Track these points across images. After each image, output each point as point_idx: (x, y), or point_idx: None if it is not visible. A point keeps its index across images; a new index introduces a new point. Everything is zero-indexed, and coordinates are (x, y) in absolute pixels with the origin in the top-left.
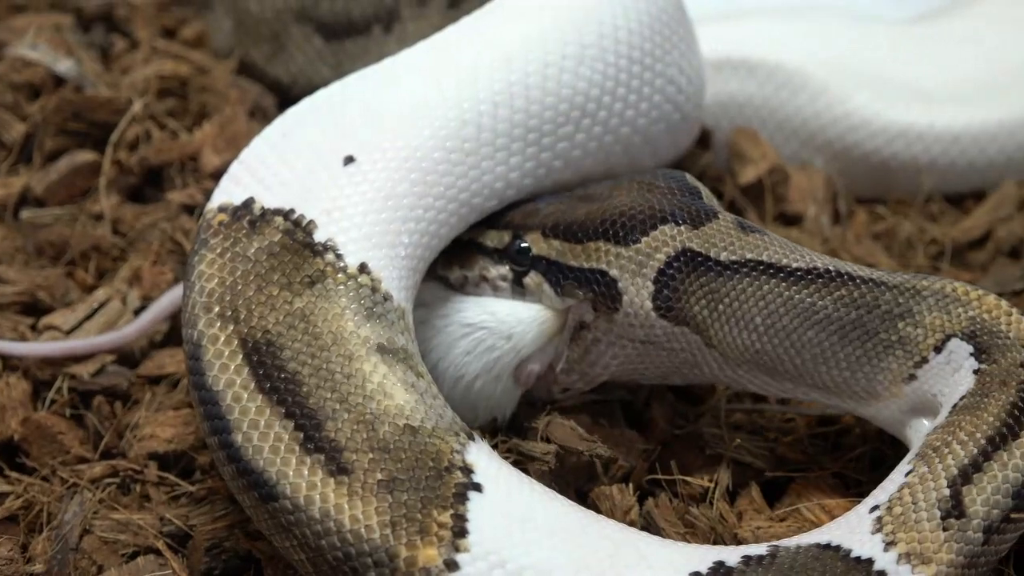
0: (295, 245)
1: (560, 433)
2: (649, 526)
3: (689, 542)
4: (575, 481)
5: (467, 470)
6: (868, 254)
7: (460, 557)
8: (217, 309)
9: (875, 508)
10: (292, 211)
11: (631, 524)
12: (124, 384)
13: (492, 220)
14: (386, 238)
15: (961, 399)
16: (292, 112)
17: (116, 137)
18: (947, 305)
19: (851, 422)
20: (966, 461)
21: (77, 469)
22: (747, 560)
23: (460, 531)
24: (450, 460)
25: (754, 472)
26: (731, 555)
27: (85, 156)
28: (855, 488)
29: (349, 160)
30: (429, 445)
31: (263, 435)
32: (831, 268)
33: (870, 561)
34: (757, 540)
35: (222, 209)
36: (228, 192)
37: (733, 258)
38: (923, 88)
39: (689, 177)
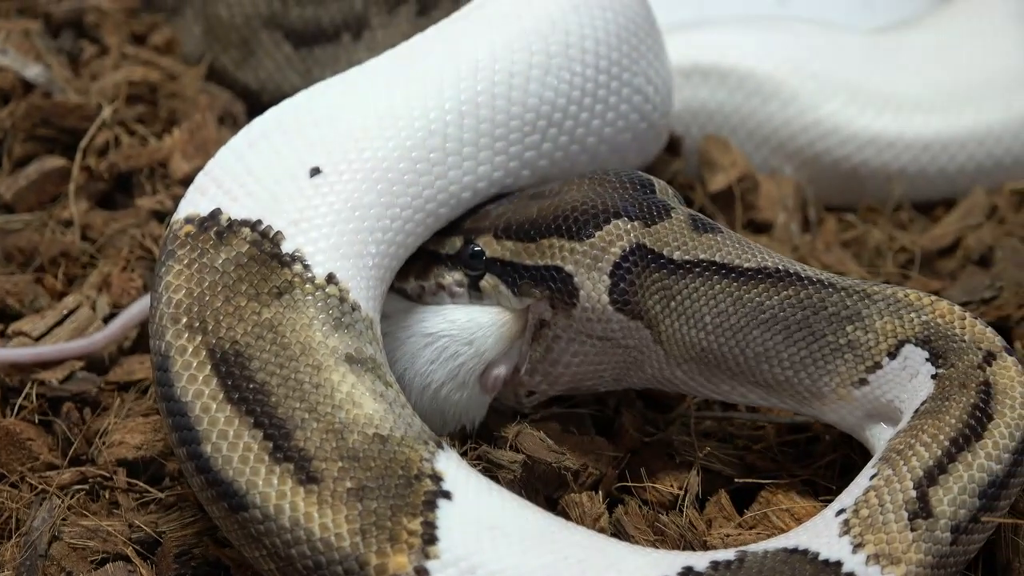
0: (263, 256)
1: (529, 443)
2: (619, 533)
3: (659, 549)
4: (545, 488)
5: (436, 478)
6: (838, 262)
7: (430, 564)
8: (185, 320)
9: (841, 511)
10: (259, 222)
11: (601, 531)
12: (93, 391)
13: (445, 228)
14: (354, 248)
15: (922, 404)
16: (258, 123)
17: (85, 143)
18: (899, 310)
19: (820, 430)
20: (931, 463)
21: (46, 476)
22: (715, 565)
23: (430, 538)
24: (419, 468)
25: (723, 479)
26: (699, 560)
27: (54, 162)
28: (824, 495)
29: (316, 171)
30: (398, 453)
31: (232, 445)
32: (780, 268)
33: (839, 564)
34: (726, 547)
35: (188, 220)
36: (194, 203)
37: (686, 258)
38: (893, 96)
39: (641, 173)
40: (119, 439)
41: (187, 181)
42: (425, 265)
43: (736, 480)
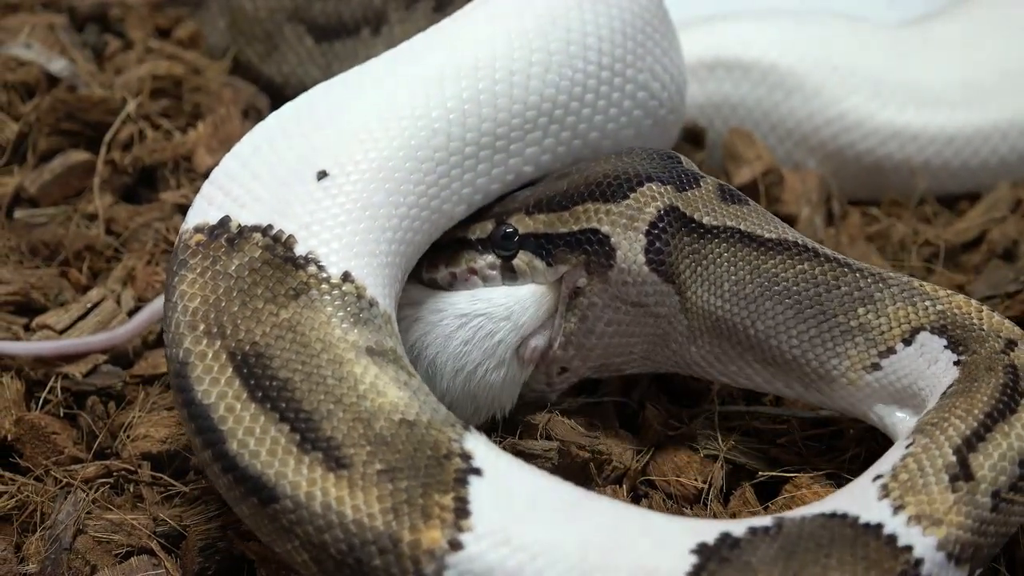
0: (276, 260)
1: (561, 430)
2: None
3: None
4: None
5: (466, 456)
6: (861, 256)
7: (464, 536)
8: (203, 327)
9: (878, 477)
10: (270, 227)
11: None
12: (118, 384)
13: (471, 216)
14: (366, 247)
15: (949, 387)
16: (261, 128)
17: (110, 137)
18: (912, 298)
19: (845, 424)
20: (967, 432)
21: (71, 469)
22: (753, 531)
23: (463, 512)
24: (448, 448)
25: (747, 473)
26: (737, 527)
27: (79, 156)
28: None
29: (323, 175)
30: (427, 436)
31: (259, 440)
32: (799, 242)
33: (880, 526)
34: None
35: (198, 229)
36: (203, 212)
37: (715, 223)
38: (917, 90)
39: (665, 150)
40: (143, 433)
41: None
42: (455, 252)
43: (760, 474)
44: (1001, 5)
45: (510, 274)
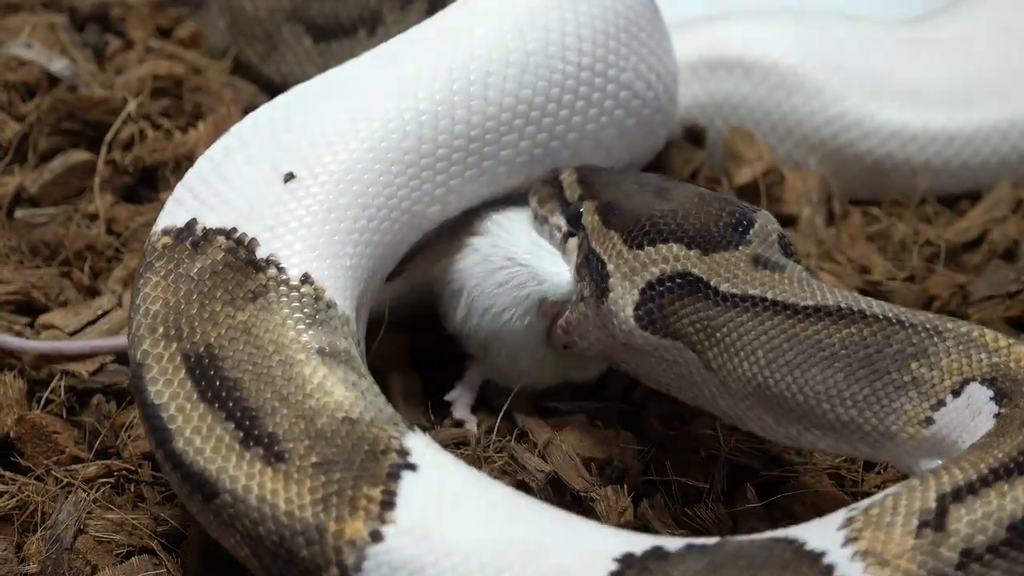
0: (238, 263)
1: (557, 458)
2: (644, 527)
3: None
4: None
5: (403, 452)
6: (862, 256)
7: (385, 529)
8: (161, 329)
9: (853, 509)
10: (234, 230)
11: (626, 525)
12: (124, 382)
13: (584, 175)
14: (330, 249)
15: (980, 439)
16: (234, 131)
17: (111, 137)
18: (968, 349)
19: None
20: (961, 482)
21: (71, 469)
22: (690, 547)
23: (388, 504)
24: (387, 444)
25: (749, 472)
26: (675, 543)
27: (79, 156)
28: (851, 487)
29: (290, 176)
30: (367, 433)
31: (204, 438)
32: (842, 305)
33: (821, 554)
34: None
35: (166, 232)
36: (172, 215)
37: (734, 291)
38: (917, 89)
39: (751, 209)
40: (142, 432)
41: None
42: (549, 196)
43: (762, 472)
44: (1001, 5)
45: (564, 245)
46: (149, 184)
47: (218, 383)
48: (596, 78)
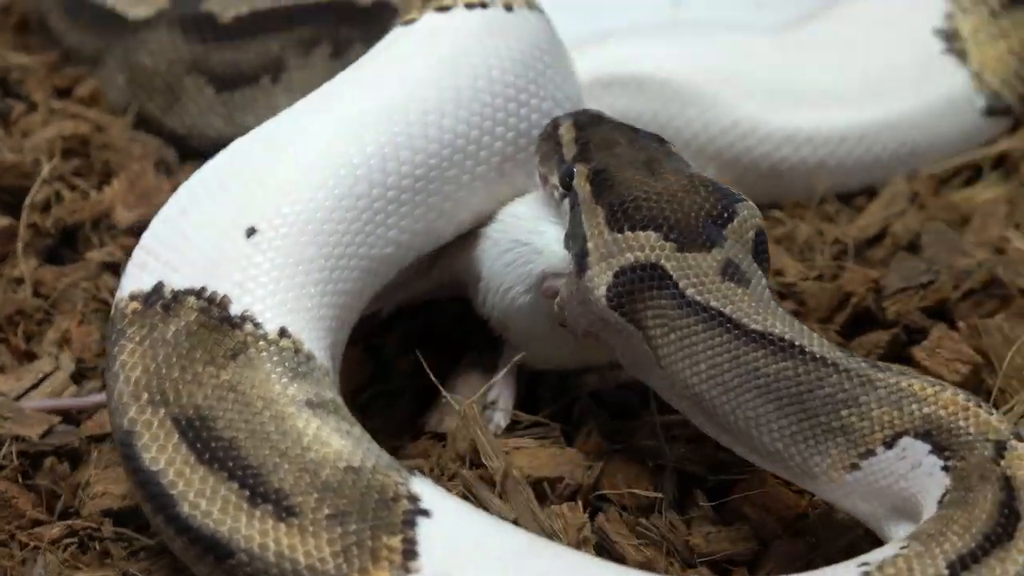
0: (212, 322)
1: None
2: (603, 541)
3: (645, 554)
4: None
5: (413, 498)
6: (773, 259)
7: None
8: (146, 396)
9: (865, 564)
10: (204, 289)
11: (585, 540)
12: (75, 442)
13: (582, 129)
14: (301, 302)
15: (944, 495)
16: (185, 189)
17: (30, 200)
18: (900, 400)
19: None
20: (964, 551)
21: (34, 532)
22: None
23: (411, 553)
24: (396, 491)
25: (697, 479)
26: None
27: (1, 221)
28: (796, 487)
29: (252, 231)
30: (372, 480)
31: (210, 500)
32: (785, 337)
33: None
34: (709, 545)
35: (133, 297)
36: (136, 279)
37: (697, 298)
38: (806, 92)
39: (735, 196)
40: (102, 490)
41: (133, 231)
42: (548, 154)
43: (709, 478)
44: (872, 4)
45: (558, 205)
46: (69, 245)
47: (214, 444)
48: (521, 108)
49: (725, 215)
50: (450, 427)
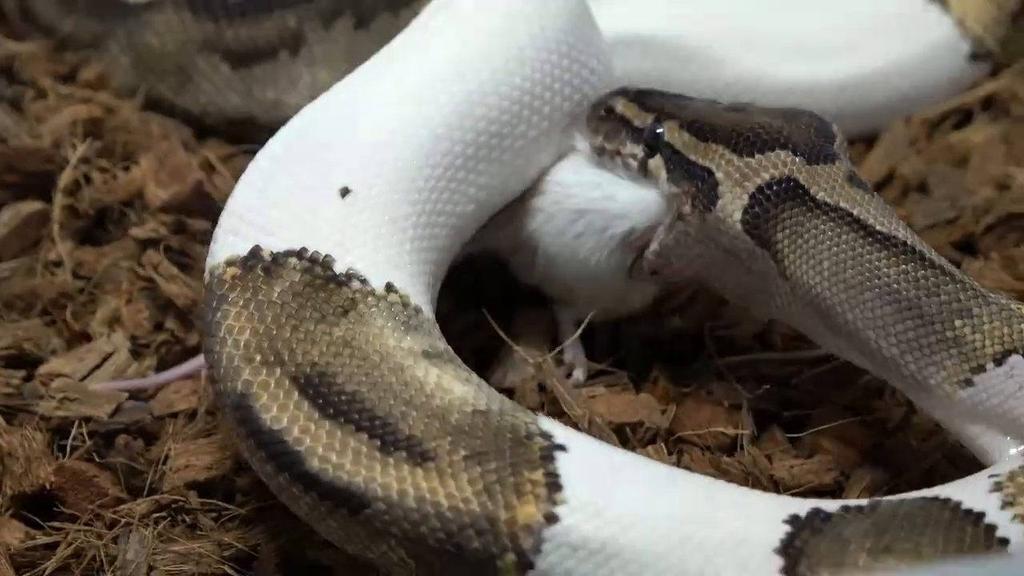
0: (317, 281)
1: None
2: None
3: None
4: None
5: (547, 435)
6: None
7: (559, 510)
8: (259, 357)
9: (994, 475)
10: (304, 250)
11: None
12: (148, 418)
13: (642, 101)
14: (401, 258)
15: None
16: (266, 156)
17: (64, 183)
18: (1010, 319)
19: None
20: None
21: (120, 510)
22: (846, 508)
23: (555, 486)
24: (527, 429)
25: (769, 417)
26: (829, 504)
27: (32, 206)
28: (866, 415)
29: (346, 191)
30: (502, 421)
31: (340, 453)
32: (908, 242)
33: (982, 514)
34: (793, 478)
35: (230, 263)
36: (230, 245)
37: (828, 200)
38: (803, 43)
39: (833, 126)
40: (184, 463)
41: (167, 208)
42: (615, 129)
43: (785, 414)
44: None
45: (643, 171)
46: (100, 225)
47: (336, 399)
48: (573, 64)
49: (828, 133)
50: (515, 382)
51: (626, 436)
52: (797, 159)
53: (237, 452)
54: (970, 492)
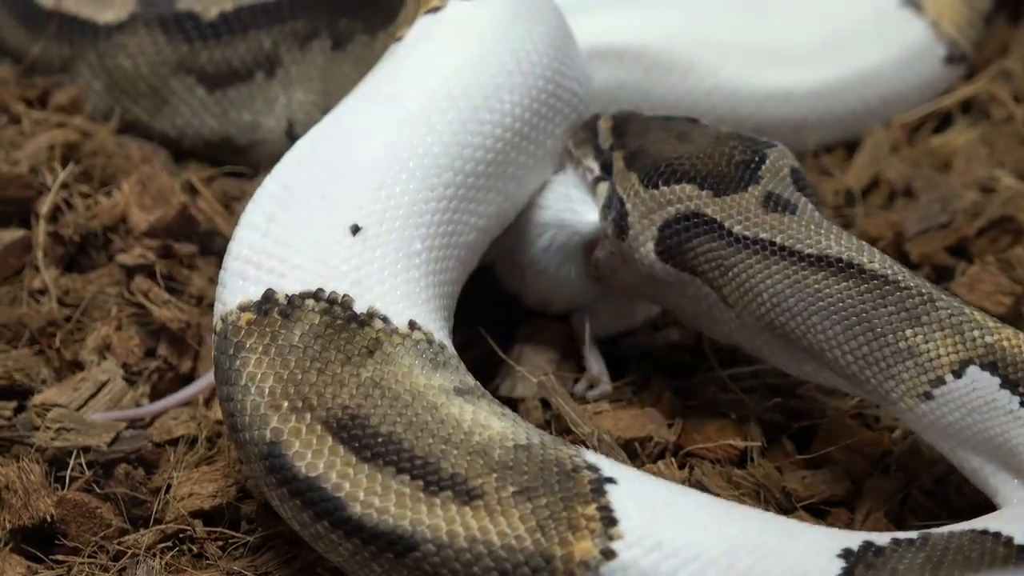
0: (338, 322)
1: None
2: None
3: (746, 504)
4: None
5: (594, 468)
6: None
7: (615, 545)
8: (286, 404)
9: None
10: (321, 291)
11: None
12: (148, 446)
13: (619, 124)
14: (418, 294)
15: None
16: (263, 195)
17: (45, 210)
18: (962, 324)
19: None
20: None
21: (124, 541)
22: (897, 542)
23: (609, 520)
24: (573, 462)
25: (778, 427)
26: (879, 537)
27: (13, 234)
28: (874, 424)
29: (356, 229)
30: (546, 455)
31: (383, 497)
32: (842, 257)
33: None
34: (805, 489)
35: (243, 308)
36: (240, 290)
37: (745, 233)
38: (779, 50)
39: (765, 143)
40: (188, 491)
41: (152, 233)
42: (584, 140)
43: (793, 425)
44: None
45: (593, 189)
46: (83, 252)
47: (372, 441)
48: (557, 88)
49: (756, 159)
50: (524, 393)
51: (635, 451)
52: (703, 192)
53: (240, 479)
54: (1020, 527)
